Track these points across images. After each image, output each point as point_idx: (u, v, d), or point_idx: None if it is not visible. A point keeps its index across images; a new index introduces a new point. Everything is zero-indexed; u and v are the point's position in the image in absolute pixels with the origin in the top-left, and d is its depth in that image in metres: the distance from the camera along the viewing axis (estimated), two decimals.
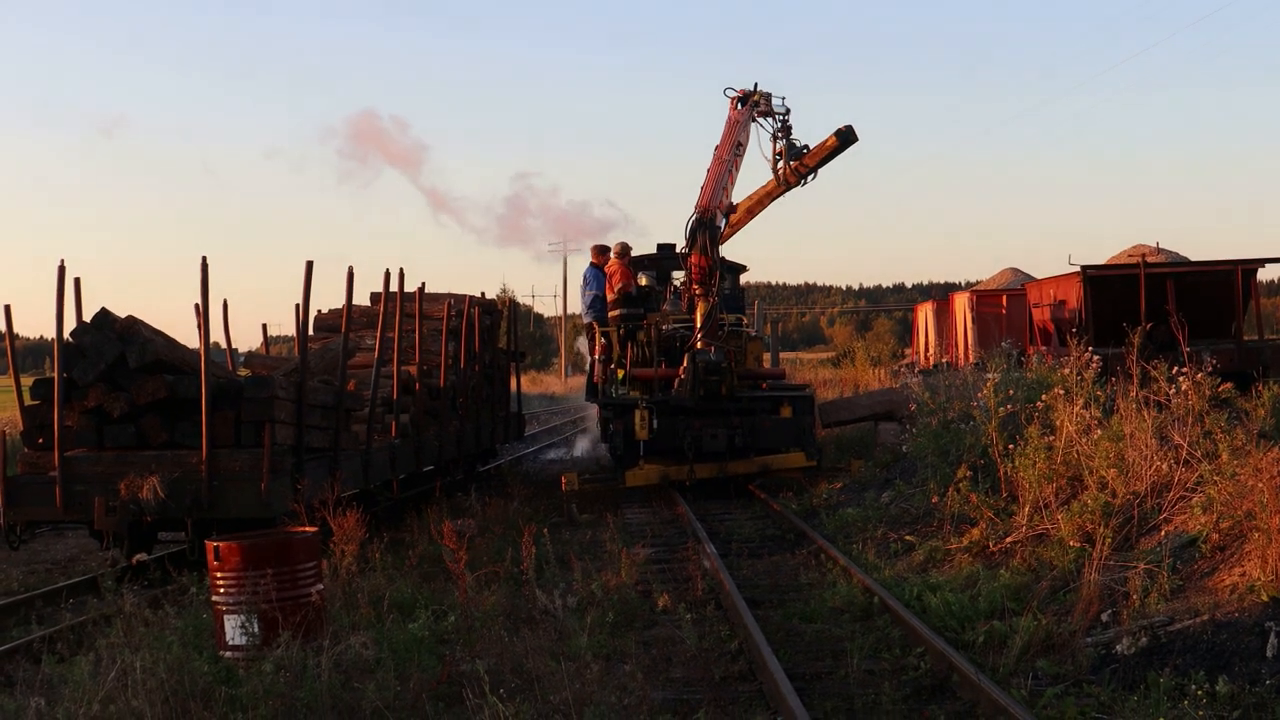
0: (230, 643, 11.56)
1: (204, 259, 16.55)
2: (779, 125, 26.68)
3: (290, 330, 23.82)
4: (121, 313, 17.32)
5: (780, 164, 26.57)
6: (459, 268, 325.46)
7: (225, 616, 11.69)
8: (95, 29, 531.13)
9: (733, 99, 26.26)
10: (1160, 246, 39.92)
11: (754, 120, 26.45)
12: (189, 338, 18.42)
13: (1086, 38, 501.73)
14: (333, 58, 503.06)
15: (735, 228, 28.25)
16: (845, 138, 26.47)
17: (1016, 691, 10.48)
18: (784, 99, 26.59)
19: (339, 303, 23.05)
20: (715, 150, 25.70)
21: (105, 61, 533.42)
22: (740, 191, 26.40)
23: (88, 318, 17.17)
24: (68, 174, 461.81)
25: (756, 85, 26.18)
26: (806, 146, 26.47)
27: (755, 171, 27.78)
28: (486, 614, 12.93)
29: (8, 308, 17.27)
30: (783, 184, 26.64)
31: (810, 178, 26.72)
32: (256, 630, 11.44)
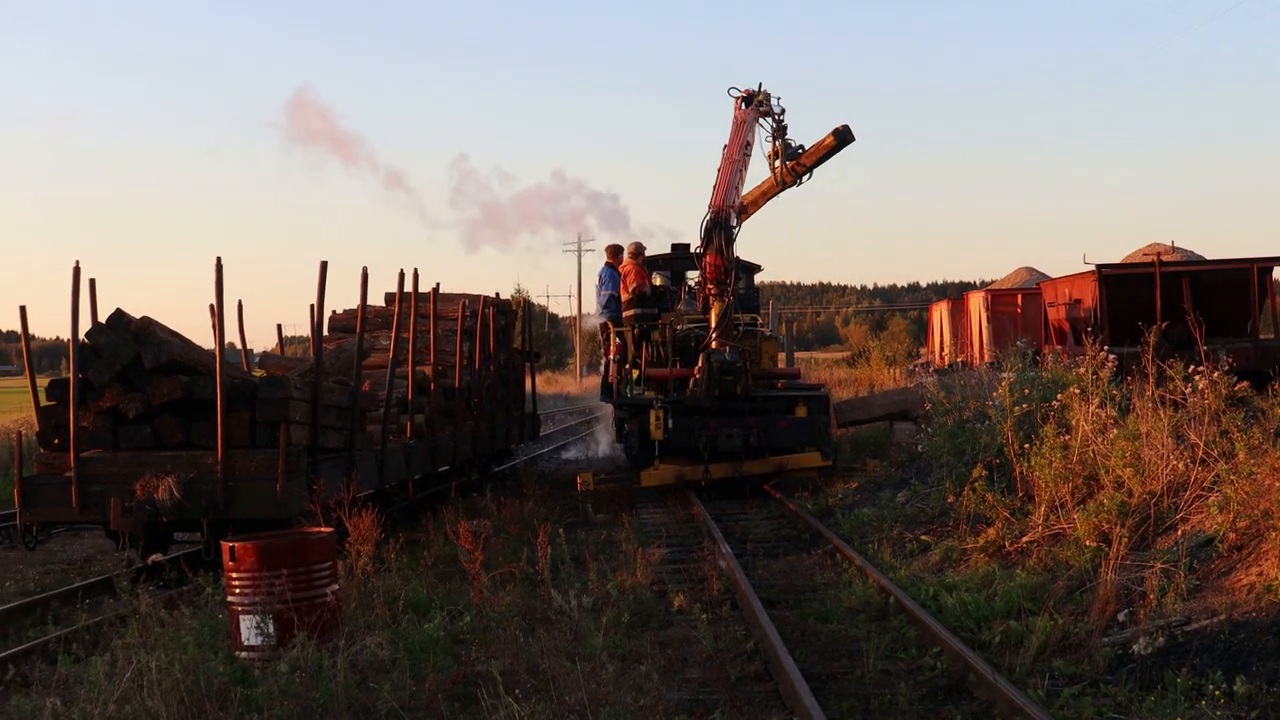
0: (246, 643, 11.56)
1: (218, 260, 16.57)
2: (775, 125, 26.59)
3: (305, 330, 23.85)
4: (134, 313, 17.34)
5: (777, 163, 26.49)
6: (473, 269, 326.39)
7: (241, 617, 11.70)
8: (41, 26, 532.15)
9: (737, 99, 26.20)
10: (1175, 245, 39.96)
11: (757, 120, 26.37)
12: (203, 338, 18.46)
13: (1102, 35, 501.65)
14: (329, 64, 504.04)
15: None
16: (842, 137, 26.39)
17: (1033, 692, 10.47)
18: (779, 99, 26.54)
19: (353, 303, 23.08)
20: (724, 150, 25.67)
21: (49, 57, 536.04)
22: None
23: (103, 318, 17.20)
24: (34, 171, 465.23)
25: (761, 85, 26.14)
26: (802, 147, 26.34)
27: (752, 169, 27.73)
28: (502, 614, 12.92)
29: (23, 309, 17.31)
30: (779, 183, 26.55)
31: (806, 177, 26.60)
32: (272, 631, 11.45)
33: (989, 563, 15.30)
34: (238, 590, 11.76)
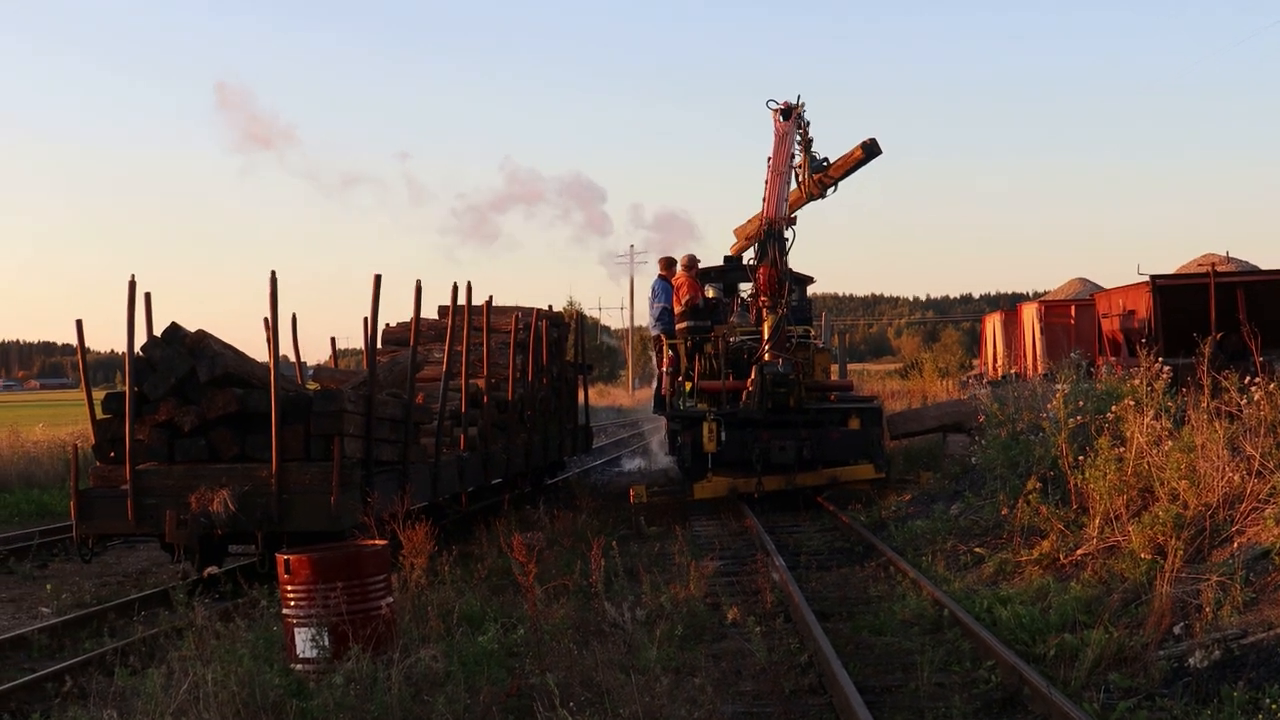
0: (301, 655, 11.59)
1: (273, 273, 16.68)
2: (802, 137, 26.54)
3: (358, 343, 23.98)
4: (189, 327, 17.44)
5: (804, 175, 26.45)
6: (525, 282, 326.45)
7: (296, 629, 11.73)
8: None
9: (775, 111, 26.03)
10: (1230, 255, 39.70)
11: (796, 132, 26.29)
12: (257, 350, 18.56)
13: (1155, 45, 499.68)
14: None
15: (752, 240, 28.31)
16: (870, 150, 26.41)
17: (1088, 705, 10.42)
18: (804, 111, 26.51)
19: (406, 316, 23.17)
20: (769, 162, 25.51)
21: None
22: (754, 206, 26.31)
23: (158, 332, 17.29)
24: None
25: (799, 97, 26.01)
26: (827, 160, 26.29)
27: (749, 181, 27.83)
28: (556, 627, 12.92)
29: (79, 322, 17.41)
30: (806, 195, 26.53)
31: (831, 190, 26.60)
32: (327, 643, 11.47)
33: (1043, 575, 15.24)
34: (293, 603, 11.79)
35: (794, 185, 26.29)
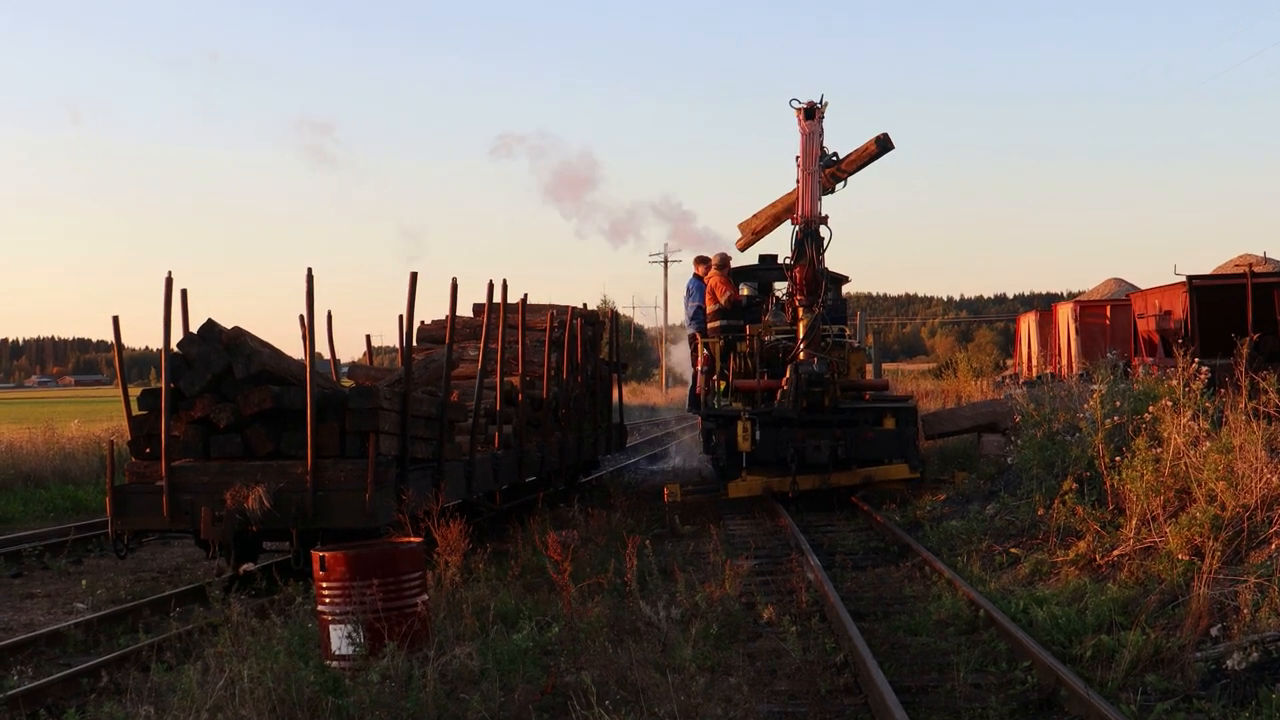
0: (336, 652, 11.60)
1: (309, 270, 16.70)
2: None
3: (393, 341, 24.01)
4: (224, 323, 17.47)
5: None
6: (559, 280, 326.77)
7: (331, 626, 11.74)
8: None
9: (799, 110, 25.84)
10: (1267, 256, 39.58)
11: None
12: (292, 348, 18.58)
13: (1195, 44, 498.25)
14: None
15: (759, 235, 28.31)
16: (883, 145, 26.41)
17: (1125, 706, 10.38)
18: None
19: (440, 313, 23.19)
20: (798, 161, 25.40)
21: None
22: (762, 199, 26.13)
23: (194, 328, 17.33)
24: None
25: (823, 97, 25.81)
26: (836, 155, 26.11)
27: (766, 176, 27.59)
28: (590, 625, 12.91)
29: (116, 319, 17.46)
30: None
31: (841, 185, 26.49)
32: (362, 640, 11.48)
33: (1079, 576, 15.19)
34: (328, 600, 11.81)
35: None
